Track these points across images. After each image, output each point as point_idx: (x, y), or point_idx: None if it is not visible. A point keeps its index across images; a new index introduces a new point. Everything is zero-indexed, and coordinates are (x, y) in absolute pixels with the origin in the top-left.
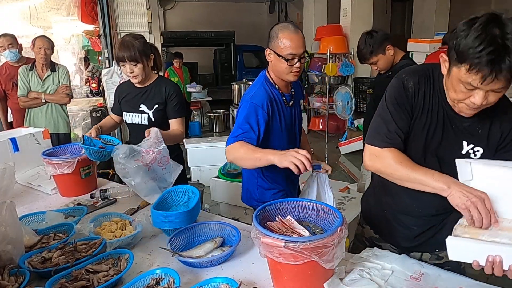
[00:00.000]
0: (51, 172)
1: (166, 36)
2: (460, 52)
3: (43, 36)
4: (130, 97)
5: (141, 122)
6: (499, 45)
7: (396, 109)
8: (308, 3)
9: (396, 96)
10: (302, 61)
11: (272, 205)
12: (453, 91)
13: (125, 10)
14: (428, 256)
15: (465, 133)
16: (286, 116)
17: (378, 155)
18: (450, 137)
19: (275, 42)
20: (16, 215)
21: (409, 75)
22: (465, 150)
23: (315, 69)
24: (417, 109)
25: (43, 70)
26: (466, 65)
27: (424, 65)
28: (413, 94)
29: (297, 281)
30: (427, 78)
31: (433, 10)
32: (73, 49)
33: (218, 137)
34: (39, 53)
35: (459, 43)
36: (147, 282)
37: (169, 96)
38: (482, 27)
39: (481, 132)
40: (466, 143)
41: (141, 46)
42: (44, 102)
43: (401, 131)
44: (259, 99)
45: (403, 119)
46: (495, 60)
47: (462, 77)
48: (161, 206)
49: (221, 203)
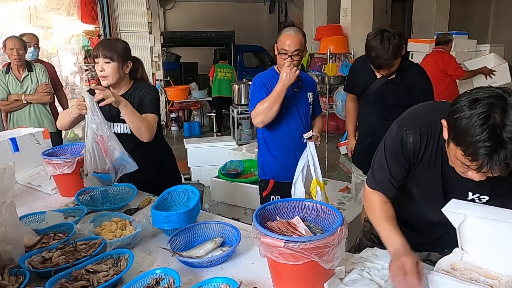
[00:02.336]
0: (51, 172)
1: (166, 36)
2: (458, 134)
3: (13, 37)
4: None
5: (123, 131)
6: (496, 138)
7: (392, 161)
8: (308, 3)
9: (394, 149)
10: (294, 58)
11: (272, 205)
12: (451, 161)
13: (125, 10)
14: (437, 256)
15: (471, 184)
16: (291, 98)
17: (366, 195)
18: (453, 186)
19: (278, 39)
20: (16, 215)
21: (410, 129)
22: (471, 198)
23: (315, 69)
24: (416, 160)
25: (20, 71)
26: (462, 149)
27: (430, 113)
28: (412, 150)
29: (297, 281)
30: (429, 131)
31: (433, 10)
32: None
33: (218, 137)
34: (11, 54)
35: (459, 124)
36: (147, 282)
37: (144, 93)
38: (484, 117)
39: (486, 182)
40: (471, 193)
41: (121, 48)
42: (26, 103)
43: (396, 181)
44: (259, 77)
45: (399, 172)
46: (491, 154)
47: (459, 156)
48: (161, 206)
49: (221, 203)
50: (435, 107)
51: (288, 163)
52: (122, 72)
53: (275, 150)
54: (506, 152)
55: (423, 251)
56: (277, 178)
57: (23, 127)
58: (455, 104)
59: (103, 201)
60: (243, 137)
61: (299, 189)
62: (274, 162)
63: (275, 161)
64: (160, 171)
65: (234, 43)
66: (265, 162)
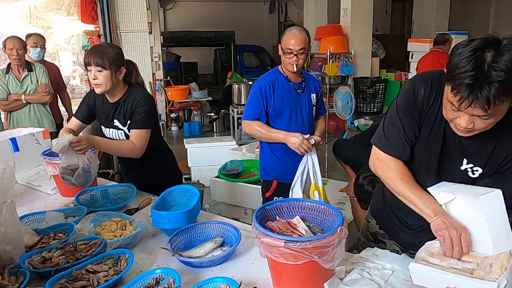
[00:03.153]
0: (51, 172)
1: (166, 36)
2: (448, 70)
3: (13, 37)
4: (102, 112)
5: (118, 137)
6: (482, 72)
7: (406, 115)
8: (308, 3)
9: (406, 102)
10: (299, 56)
11: (272, 205)
12: (444, 108)
13: (125, 10)
14: None
15: (467, 151)
16: (291, 99)
17: (383, 162)
18: (452, 151)
19: (282, 39)
20: (16, 215)
21: (422, 81)
22: (464, 167)
23: (315, 69)
24: (423, 118)
25: (20, 71)
26: (450, 84)
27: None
28: (422, 103)
29: (297, 281)
30: (439, 86)
31: (433, 10)
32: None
33: (218, 137)
34: (11, 54)
35: (451, 60)
36: (147, 282)
37: (136, 105)
38: (473, 50)
39: (484, 152)
40: (466, 161)
41: (114, 55)
42: (26, 103)
43: (409, 140)
44: (262, 81)
45: (412, 127)
46: (474, 85)
47: (448, 95)
48: (161, 206)
49: (221, 203)
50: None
51: (290, 164)
52: (115, 79)
53: (277, 150)
54: (491, 88)
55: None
56: (280, 179)
57: (23, 127)
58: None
59: (103, 201)
60: (243, 137)
61: (296, 193)
62: (276, 163)
63: (278, 161)
64: (159, 173)
65: (234, 43)
66: (267, 162)
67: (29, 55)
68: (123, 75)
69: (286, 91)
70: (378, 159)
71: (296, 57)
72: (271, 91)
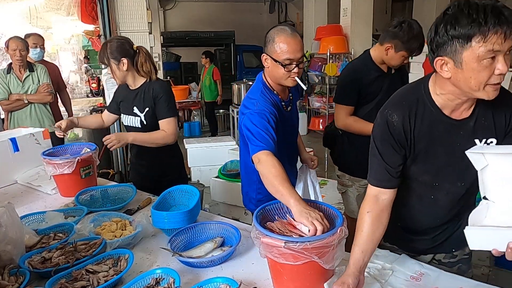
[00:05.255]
0: (51, 172)
1: (166, 36)
2: (462, 34)
3: (16, 37)
4: (125, 99)
5: (134, 124)
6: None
7: (383, 147)
8: (308, 3)
9: (383, 134)
10: (300, 66)
11: (272, 205)
12: (475, 78)
13: (125, 10)
14: (442, 256)
15: (474, 132)
16: (286, 121)
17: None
18: (463, 143)
19: (271, 47)
20: (16, 216)
21: (392, 109)
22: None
23: (315, 69)
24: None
25: (21, 71)
26: (477, 38)
27: (409, 88)
28: (402, 126)
29: (297, 281)
30: (413, 103)
31: (433, 10)
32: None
33: (218, 137)
34: (14, 55)
35: (455, 30)
36: (147, 282)
37: (156, 96)
38: (459, 7)
39: (487, 123)
40: (478, 140)
41: (110, 50)
42: (27, 103)
43: (391, 168)
44: (262, 107)
45: (392, 156)
46: (498, 15)
47: (480, 51)
48: (161, 206)
49: (221, 203)
50: (410, 85)
51: None
52: (120, 70)
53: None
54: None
55: (429, 254)
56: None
57: (23, 127)
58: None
59: (103, 201)
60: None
61: None
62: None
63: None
64: (167, 173)
65: (234, 43)
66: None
67: (29, 55)
68: (126, 66)
69: (281, 114)
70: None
71: (297, 68)
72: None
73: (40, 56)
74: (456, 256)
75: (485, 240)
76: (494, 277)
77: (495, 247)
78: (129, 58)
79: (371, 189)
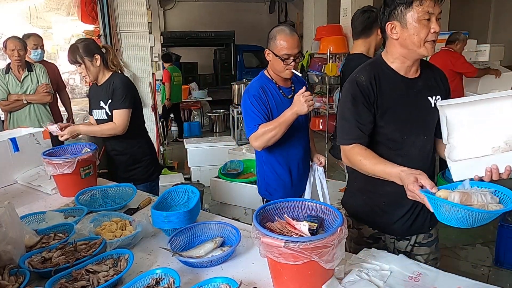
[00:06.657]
0: (51, 172)
1: (166, 36)
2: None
3: (14, 37)
4: (94, 95)
5: (101, 117)
6: None
7: (354, 106)
8: (308, 3)
9: (352, 94)
10: (297, 61)
11: (272, 205)
12: (417, 35)
13: (125, 10)
14: (421, 237)
15: (426, 90)
16: (285, 107)
17: (347, 153)
18: (418, 100)
19: (273, 43)
20: (16, 215)
21: (359, 72)
22: (432, 103)
23: (315, 69)
24: (376, 92)
25: (20, 71)
26: (416, 2)
27: (368, 62)
28: (369, 84)
29: (297, 281)
30: (375, 68)
31: None
32: None
33: (218, 137)
34: (12, 55)
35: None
36: (147, 282)
37: (115, 88)
38: None
39: (431, 83)
40: (430, 98)
41: (82, 49)
42: (26, 103)
43: (362, 125)
44: (252, 90)
45: (364, 114)
46: None
47: (419, 13)
48: (161, 206)
49: (221, 203)
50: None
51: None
52: (94, 66)
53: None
54: None
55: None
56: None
57: (23, 127)
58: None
59: (103, 201)
60: (243, 137)
61: None
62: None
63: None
64: (138, 159)
65: (234, 43)
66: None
67: (30, 56)
68: (99, 61)
69: (278, 98)
70: (344, 153)
71: (294, 62)
72: (266, 97)
73: (41, 57)
74: (432, 235)
75: (467, 170)
76: (494, 277)
77: (477, 174)
78: (100, 55)
79: (344, 147)
